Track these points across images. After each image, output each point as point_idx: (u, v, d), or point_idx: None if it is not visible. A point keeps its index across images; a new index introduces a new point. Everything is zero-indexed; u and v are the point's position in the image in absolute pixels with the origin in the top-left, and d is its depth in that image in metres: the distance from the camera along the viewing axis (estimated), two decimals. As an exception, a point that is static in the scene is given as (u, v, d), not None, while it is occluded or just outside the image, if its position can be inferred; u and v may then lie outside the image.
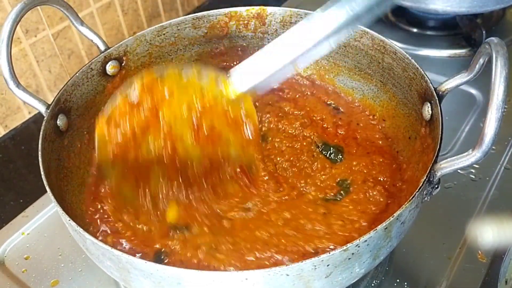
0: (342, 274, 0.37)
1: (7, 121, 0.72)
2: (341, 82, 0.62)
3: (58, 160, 0.48)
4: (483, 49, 0.40)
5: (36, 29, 0.70)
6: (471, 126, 0.67)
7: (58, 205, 0.39)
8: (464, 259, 0.52)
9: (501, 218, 0.55)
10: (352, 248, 0.35)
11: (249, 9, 0.61)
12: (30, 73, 0.72)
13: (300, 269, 0.34)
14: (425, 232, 0.54)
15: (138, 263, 0.35)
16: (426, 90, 0.48)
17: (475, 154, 0.36)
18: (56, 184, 0.46)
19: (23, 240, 0.57)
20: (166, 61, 0.62)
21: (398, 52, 0.52)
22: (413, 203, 0.38)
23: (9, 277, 0.53)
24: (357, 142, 0.56)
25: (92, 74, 0.54)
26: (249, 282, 0.34)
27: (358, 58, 0.59)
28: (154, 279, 0.36)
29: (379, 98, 0.59)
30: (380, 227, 0.36)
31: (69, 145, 0.51)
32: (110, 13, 0.79)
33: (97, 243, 0.36)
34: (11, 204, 0.62)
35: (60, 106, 0.50)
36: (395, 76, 0.54)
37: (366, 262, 0.38)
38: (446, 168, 0.39)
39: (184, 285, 0.35)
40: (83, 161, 0.53)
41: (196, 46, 0.63)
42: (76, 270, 0.53)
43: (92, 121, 0.55)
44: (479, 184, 0.59)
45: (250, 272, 0.34)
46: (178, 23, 0.60)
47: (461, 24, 0.81)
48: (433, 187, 0.40)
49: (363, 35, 0.56)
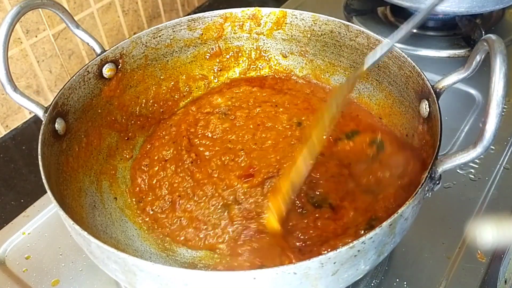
0: (348, 271, 0.37)
1: (8, 121, 0.72)
2: (337, 81, 0.63)
3: (57, 164, 0.48)
4: (480, 46, 0.40)
5: (37, 30, 0.70)
6: (471, 126, 0.67)
7: (60, 209, 0.39)
8: (464, 259, 0.52)
9: (500, 218, 0.55)
10: (358, 245, 0.35)
11: (244, 10, 0.61)
12: (30, 74, 0.72)
13: (307, 267, 0.34)
14: (424, 232, 0.54)
15: (144, 266, 0.35)
16: (423, 87, 0.48)
17: (476, 150, 0.36)
18: (57, 188, 0.46)
19: (23, 240, 0.57)
20: (162, 63, 0.62)
21: (394, 50, 0.52)
22: (415, 199, 0.38)
23: (10, 277, 0.53)
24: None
25: (89, 77, 0.54)
26: (257, 281, 0.34)
27: (353, 58, 0.59)
28: (161, 281, 0.36)
29: (375, 97, 0.59)
30: (385, 223, 0.36)
31: (67, 149, 0.51)
32: (111, 13, 0.80)
33: (102, 246, 0.36)
34: (12, 204, 0.62)
35: (58, 110, 0.49)
36: (391, 74, 0.54)
37: (371, 258, 0.38)
38: (447, 164, 0.39)
39: (191, 286, 0.35)
40: (81, 165, 0.53)
41: (191, 48, 0.63)
42: (77, 269, 0.53)
43: (89, 124, 0.55)
44: (478, 184, 0.59)
45: (258, 272, 0.34)
46: (173, 25, 0.60)
47: (461, 24, 0.81)
48: (435, 183, 0.41)
49: (358, 34, 0.56)
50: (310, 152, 0.44)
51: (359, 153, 0.51)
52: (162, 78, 0.62)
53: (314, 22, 0.60)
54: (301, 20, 0.60)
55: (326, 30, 0.59)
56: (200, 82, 0.65)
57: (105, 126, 0.57)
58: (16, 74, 0.70)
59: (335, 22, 0.58)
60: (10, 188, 0.65)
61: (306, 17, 0.60)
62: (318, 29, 0.60)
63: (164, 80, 0.63)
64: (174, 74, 0.63)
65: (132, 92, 0.60)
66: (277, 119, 0.58)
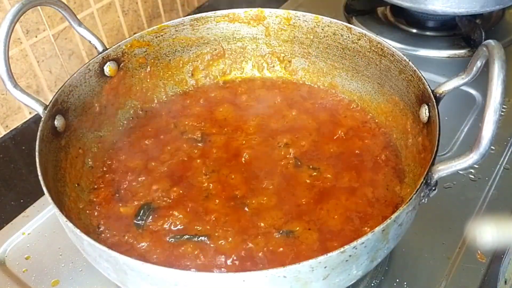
0: (340, 276, 0.37)
1: (8, 121, 0.72)
2: (339, 83, 0.62)
3: (55, 161, 0.48)
4: (480, 51, 0.40)
5: (37, 30, 0.70)
6: (470, 126, 0.67)
7: (55, 206, 0.39)
8: (464, 259, 0.52)
9: (500, 218, 0.55)
10: (349, 250, 0.35)
11: (247, 11, 0.61)
12: (30, 74, 0.72)
13: (297, 271, 0.34)
14: (424, 232, 0.54)
15: (135, 265, 0.35)
16: (424, 92, 0.48)
17: (473, 157, 0.36)
18: (54, 185, 0.46)
19: (23, 240, 0.57)
20: (164, 62, 0.62)
21: (396, 54, 0.52)
22: (410, 205, 0.38)
23: (10, 277, 0.53)
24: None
25: (90, 75, 0.54)
26: (247, 284, 0.34)
27: (355, 60, 0.59)
28: (151, 280, 0.36)
29: (376, 100, 0.59)
30: (377, 229, 0.36)
31: (67, 146, 0.51)
32: (111, 13, 0.79)
33: (94, 244, 0.36)
34: (12, 204, 0.62)
35: (58, 107, 0.49)
36: (392, 78, 0.54)
37: (364, 264, 0.38)
38: (444, 171, 0.39)
39: (181, 285, 0.35)
40: (80, 162, 0.53)
41: (194, 48, 0.63)
42: (77, 270, 0.53)
43: (89, 122, 0.55)
44: (478, 184, 0.59)
45: (247, 274, 0.34)
46: (176, 24, 0.60)
47: (461, 24, 0.81)
48: (431, 189, 0.40)
49: (360, 37, 0.56)
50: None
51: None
52: (164, 78, 0.62)
53: (316, 23, 0.60)
54: (304, 22, 0.60)
55: (329, 32, 0.59)
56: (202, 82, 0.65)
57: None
58: (16, 74, 0.69)
59: (337, 24, 0.58)
60: (10, 188, 0.65)
61: (309, 19, 0.60)
62: (321, 31, 0.60)
63: (166, 79, 0.63)
64: (176, 74, 0.63)
65: (133, 91, 0.60)
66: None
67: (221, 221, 0.48)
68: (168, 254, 0.45)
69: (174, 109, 0.62)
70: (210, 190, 0.51)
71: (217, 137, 0.57)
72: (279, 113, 0.60)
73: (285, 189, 0.50)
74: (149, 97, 0.62)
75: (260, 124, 0.59)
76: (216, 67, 0.65)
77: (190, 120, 0.60)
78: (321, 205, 0.49)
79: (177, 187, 0.51)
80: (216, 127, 0.59)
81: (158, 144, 0.57)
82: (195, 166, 0.54)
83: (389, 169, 0.52)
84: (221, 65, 0.65)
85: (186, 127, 0.59)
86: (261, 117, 0.60)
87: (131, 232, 0.48)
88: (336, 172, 0.52)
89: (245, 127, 0.58)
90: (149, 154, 0.56)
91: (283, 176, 0.52)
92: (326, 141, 0.56)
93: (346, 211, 0.48)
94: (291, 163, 0.53)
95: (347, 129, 0.57)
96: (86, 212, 0.50)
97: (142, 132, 0.59)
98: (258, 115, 0.60)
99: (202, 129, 0.59)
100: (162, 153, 0.56)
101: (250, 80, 0.66)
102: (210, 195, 0.50)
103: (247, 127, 0.58)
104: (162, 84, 0.63)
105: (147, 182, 0.52)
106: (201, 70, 0.65)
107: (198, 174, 0.53)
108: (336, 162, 0.53)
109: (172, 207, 0.49)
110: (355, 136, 0.57)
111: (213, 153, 0.55)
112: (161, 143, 0.58)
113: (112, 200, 0.51)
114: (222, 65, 0.65)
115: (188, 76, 0.64)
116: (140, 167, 0.54)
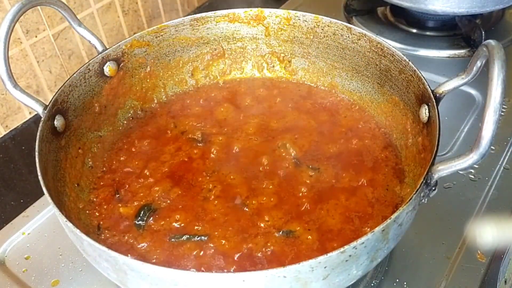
0: (340, 276, 0.37)
1: (8, 121, 0.72)
2: (339, 83, 0.62)
3: (55, 161, 0.48)
4: (480, 51, 0.40)
5: (37, 30, 0.70)
6: (471, 126, 0.67)
7: (55, 206, 0.39)
8: (464, 259, 0.52)
9: (500, 218, 0.55)
10: (349, 250, 0.35)
11: (247, 11, 0.61)
12: (30, 74, 0.72)
13: (297, 271, 0.34)
14: (424, 232, 0.54)
15: (135, 265, 0.35)
16: (424, 92, 0.48)
17: (473, 157, 0.36)
18: (53, 185, 0.46)
19: (23, 240, 0.57)
20: (164, 62, 0.62)
21: (396, 54, 0.52)
22: (410, 205, 0.38)
23: (10, 277, 0.53)
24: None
25: (90, 75, 0.54)
26: (247, 284, 0.34)
27: (355, 60, 0.59)
28: (151, 281, 0.36)
29: (376, 100, 0.59)
30: (377, 229, 0.36)
31: (66, 146, 0.51)
32: (111, 13, 0.79)
33: (94, 244, 0.36)
34: (12, 204, 0.62)
35: (58, 107, 0.49)
36: (392, 78, 0.54)
37: (364, 264, 0.38)
38: (444, 171, 0.39)
39: (181, 286, 0.35)
40: (80, 162, 0.53)
41: (194, 48, 0.63)
42: (77, 270, 0.53)
43: (89, 122, 0.55)
44: (478, 184, 0.59)
45: (247, 274, 0.34)
46: (176, 24, 0.60)
47: (460, 24, 0.81)
48: (430, 189, 0.40)
49: (361, 37, 0.56)
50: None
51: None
52: (164, 78, 0.62)
53: (316, 23, 0.60)
54: (304, 22, 0.60)
55: (329, 32, 0.59)
56: (202, 82, 0.65)
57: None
58: (16, 74, 0.70)
59: (337, 24, 0.58)
60: (10, 188, 0.65)
61: (309, 19, 0.60)
62: (321, 31, 0.60)
63: (166, 79, 0.63)
64: (176, 74, 0.63)
65: (133, 91, 0.60)
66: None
67: (221, 221, 0.48)
68: (168, 254, 0.46)
69: (174, 109, 0.62)
70: (210, 190, 0.51)
71: (217, 137, 0.57)
72: (279, 113, 0.60)
73: (285, 189, 0.51)
74: (149, 97, 0.62)
75: (260, 124, 0.59)
76: (216, 67, 0.65)
77: (190, 120, 0.60)
78: (321, 205, 0.49)
79: (177, 187, 0.51)
80: (216, 127, 0.59)
81: (158, 144, 0.58)
82: (195, 166, 0.54)
83: (389, 169, 0.52)
84: (221, 65, 0.65)
85: (186, 127, 0.59)
86: (261, 117, 0.60)
87: (131, 232, 0.48)
88: (336, 172, 0.52)
89: (245, 127, 0.59)
90: (149, 154, 0.56)
91: (283, 176, 0.52)
92: (326, 141, 0.56)
93: (346, 211, 0.48)
94: (291, 163, 0.53)
95: (347, 129, 0.57)
96: (86, 212, 0.50)
97: (142, 132, 0.59)
98: (258, 115, 0.60)
99: (202, 129, 0.59)
100: (162, 153, 0.56)
101: (250, 80, 0.66)
102: (210, 195, 0.50)
103: (247, 127, 0.59)
104: (162, 84, 0.63)
105: (147, 183, 0.52)
106: (201, 70, 0.65)
107: (198, 174, 0.53)
108: (336, 162, 0.53)
109: (172, 207, 0.50)
110: (355, 136, 0.57)
111: (213, 153, 0.55)
112: (161, 143, 0.58)
113: (112, 200, 0.51)
114: (222, 65, 0.65)
115: (188, 76, 0.64)
116: (140, 167, 0.55)
